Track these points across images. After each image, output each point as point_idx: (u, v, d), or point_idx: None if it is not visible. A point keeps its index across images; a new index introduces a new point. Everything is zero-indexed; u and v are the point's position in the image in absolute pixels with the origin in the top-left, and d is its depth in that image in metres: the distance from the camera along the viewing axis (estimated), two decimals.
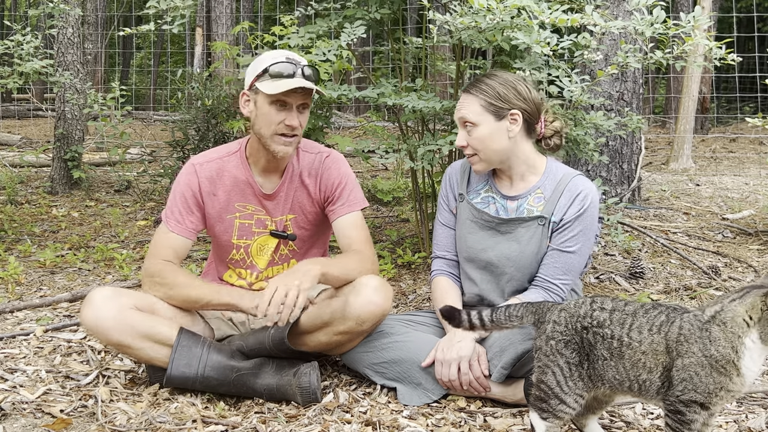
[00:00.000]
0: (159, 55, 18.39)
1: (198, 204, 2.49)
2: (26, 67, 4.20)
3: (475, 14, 2.74)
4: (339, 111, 12.18)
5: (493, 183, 2.49)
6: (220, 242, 2.57)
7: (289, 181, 2.50)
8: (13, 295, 3.41)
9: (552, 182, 2.41)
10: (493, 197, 2.46)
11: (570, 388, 1.86)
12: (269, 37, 3.86)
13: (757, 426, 2.11)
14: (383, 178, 6.27)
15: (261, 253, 2.56)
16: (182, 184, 2.49)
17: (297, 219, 2.53)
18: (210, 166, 2.50)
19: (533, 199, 2.41)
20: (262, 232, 2.53)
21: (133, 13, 11.65)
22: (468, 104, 2.38)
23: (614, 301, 1.89)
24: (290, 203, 2.52)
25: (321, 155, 2.53)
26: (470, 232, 2.47)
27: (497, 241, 2.42)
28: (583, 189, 2.38)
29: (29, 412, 2.18)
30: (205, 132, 5.28)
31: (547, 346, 1.89)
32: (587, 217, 2.36)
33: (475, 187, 2.52)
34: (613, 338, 1.82)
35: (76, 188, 6.05)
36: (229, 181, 2.49)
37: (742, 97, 13.25)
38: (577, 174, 2.42)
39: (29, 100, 12.00)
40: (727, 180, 6.72)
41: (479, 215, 2.45)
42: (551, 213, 2.37)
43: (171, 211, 2.47)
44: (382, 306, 2.30)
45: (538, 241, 2.37)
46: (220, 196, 2.49)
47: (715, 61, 2.91)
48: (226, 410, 2.24)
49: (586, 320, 1.86)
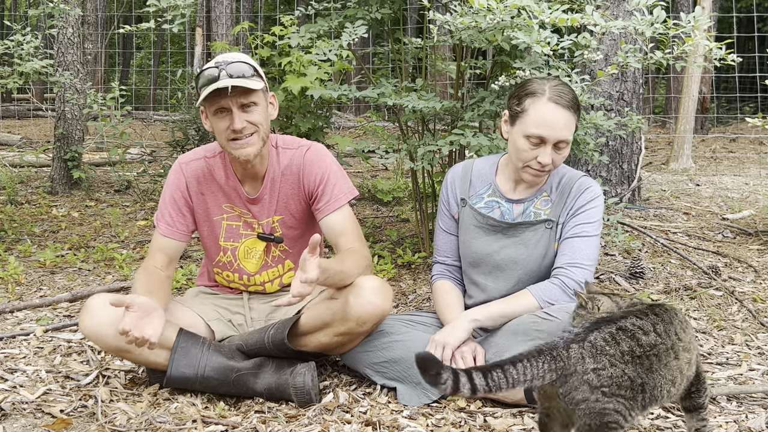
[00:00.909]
0: (159, 55, 18.39)
1: (187, 204, 2.48)
2: (26, 67, 4.20)
3: (475, 14, 2.74)
4: (339, 111, 12.18)
5: (496, 186, 2.46)
6: (207, 244, 2.55)
7: (272, 183, 2.46)
8: (13, 295, 3.41)
9: (558, 185, 2.40)
10: (497, 201, 2.44)
11: (632, 421, 1.67)
12: (269, 37, 3.86)
13: (757, 426, 2.11)
14: (383, 178, 6.27)
15: (249, 256, 2.52)
16: (170, 185, 2.48)
17: (284, 219, 2.50)
18: (196, 165, 2.48)
19: (540, 203, 2.39)
20: (249, 234, 2.51)
21: (133, 12, 11.65)
22: (572, 123, 2.27)
23: (634, 317, 1.71)
24: (275, 204, 2.48)
25: (301, 149, 2.47)
26: (475, 237, 2.45)
27: (504, 245, 2.40)
28: (590, 185, 2.38)
29: (29, 412, 2.18)
30: (205, 132, 5.28)
31: (596, 394, 1.62)
32: (598, 207, 2.35)
33: (477, 191, 2.49)
34: (669, 349, 1.69)
35: (76, 188, 6.05)
36: (215, 182, 2.48)
37: (742, 97, 13.25)
38: (582, 175, 2.42)
39: (29, 100, 12.00)
40: (727, 180, 6.72)
41: (484, 220, 2.42)
42: (558, 216, 2.36)
43: (161, 214, 2.47)
44: (382, 307, 2.29)
45: (546, 245, 2.36)
46: (207, 196, 2.48)
47: (715, 61, 2.91)
48: (226, 410, 2.24)
49: (636, 350, 1.65)
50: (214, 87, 2.26)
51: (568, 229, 2.34)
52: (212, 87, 2.27)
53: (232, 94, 2.28)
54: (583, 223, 2.33)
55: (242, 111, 2.31)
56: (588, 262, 2.30)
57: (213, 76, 2.29)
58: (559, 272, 2.30)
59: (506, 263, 2.39)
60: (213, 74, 2.29)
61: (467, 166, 2.54)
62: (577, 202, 2.35)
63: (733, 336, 2.87)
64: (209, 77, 2.30)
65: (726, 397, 2.29)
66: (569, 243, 2.32)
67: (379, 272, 3.62)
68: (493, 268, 2.41)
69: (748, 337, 2.86)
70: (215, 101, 2.30)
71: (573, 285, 2.26)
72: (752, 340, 2.83)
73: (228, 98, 2.29)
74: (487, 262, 2.42)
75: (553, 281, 2.29)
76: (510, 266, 2.39)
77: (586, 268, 2.29)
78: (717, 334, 2.90)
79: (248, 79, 2.30)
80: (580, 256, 2.30)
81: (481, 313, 2.32)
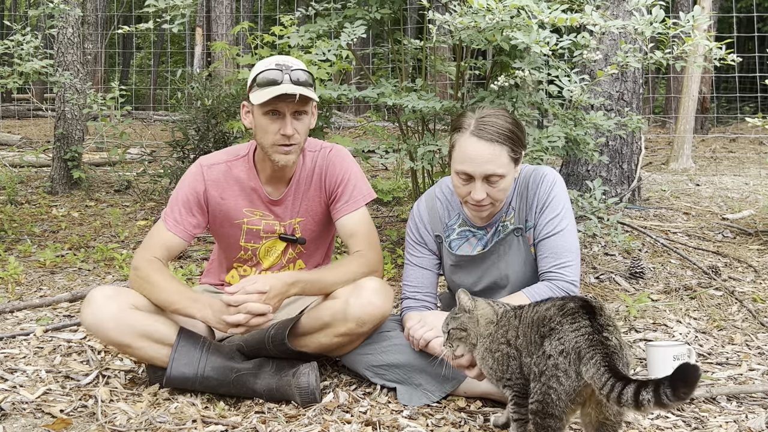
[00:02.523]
0: (159, 55, 18.39)
1: (200, 207, 2.47)
2: (26, 67, 4.21)
3: (474, 14, 2.74)
4: (339, 111, 12.18)
5: (465, 216, 2.39)
6: (227, 244, 2.56)
7: (296, 186, 2.49)
8: (13, 295, 3.41)
9: (515, 191, 2.33)
10: (470, 230, 2.39)
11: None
12: (269, 37, 3.86)
13: (757, 426, 2.11)
14: (383, 178, 6.27)
15: (269, 254, 2.56)
16: (187, 185, 2.47)
17: (305, 222, 2.53)
18: (218, 169, 2.48)
19: (504, 215, 2.35)
20: (269, 236, 2.53)
21: (133, 12, 11.64)
22: (498, 157, 2.14)
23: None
24: (299, 207, 2.51)
25: (324, 150, 2.51)
26: (454, 273, 2.43)
27: (484, 270, 2.37)
28: (545, 173, 2.31)
29: (29, 412, 2.18)
30: (205, 132, 5.28)
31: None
32: (560, 194, 2.29)
33: (448, 223, 2.42)
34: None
35: (76, 188, 6.05)
36: (237, 186, 2.48)
37: (742, 97, 13.24)
38: (534, 167, 2.36)
39: (29, 100, 12.00)
40: (727, 180, 6.72)
41: (458, 259, 2.38)
42: (525, 220, 2.31)
43: (171, 210, 2.46)
44: (383, 308, 2.29)
45: (523, 252, 2.32)
46: (228, 201, 2.48)
47: (715, 61, 2.91)
48: (226, 410, 2.24)
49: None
50: (281, 91, 2.27)
51: (540, 229, 2.28)
52: (278, 90, 2.28)
53: (290, 101, 2.31)
54: (553, 218, 2.27)
55: (294, 118, 2.35)
56: (571, 256, 2.26)
57: (275, 79, 2.31)
58: (549, 276, 2.26)
59: (491, 286, 2.37)
60: (276, 77, 2.31)
61: (430, 200, 2.45)
62: (539, 196, 2.29)
63: (733, 336, 2.87)
64: (271, 78, 2.31)
65: (726, 397, 2.29)
66: (547, 243, 2.27)
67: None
68: (480, 293, 2.37)
69: (748, 337, 2.86)
70: (272, 103, 2.31)
71: (568, 287, 2.24)
72: (752, 340, 2.83)
73: (286, 103, 2.31)
74: (474, 291, 2.38)
75: (548, 285, 2.26)
76: (494, 289, 2.37)
77: (572, 264, 2.26)
78: (717, 334, 2.90)
79: (309, 89, 2.34)
80: (562, 253, 2.25)
81: None
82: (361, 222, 2.46)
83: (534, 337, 1.85)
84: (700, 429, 2.10)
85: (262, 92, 2.31)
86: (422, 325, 2.28)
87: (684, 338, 2.84)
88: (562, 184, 2.33)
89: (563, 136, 3.10)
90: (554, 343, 1.78)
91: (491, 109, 2.23)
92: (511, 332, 1.93)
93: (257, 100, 2.32)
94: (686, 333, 2.90)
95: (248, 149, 2.52)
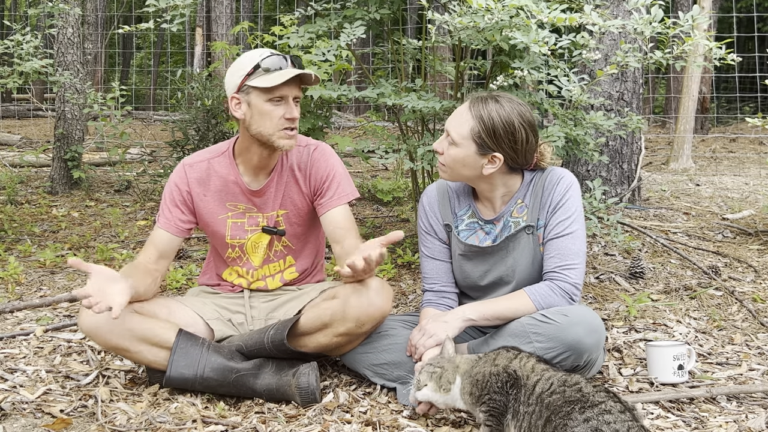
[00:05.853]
0: (159, 55, 18.40)
1: (186, 206, 2.50)
2: (26, 67, 4.21)
3: (473, 14, 2.74)
4: (339, 111, 12.18)
5: (475, 208, 2.43)
6: (216, 242, 2.58)
7: (278, 177, 2.50)
8: (13, 295, 3.41)
9: (530, 188, 2.36)
10: (478, 222, 2.42)
11: None
12: (269, 37, 3.86)
13: (757, 426, 2.11)
14: (383, 178, 6.27)
15: (256, 249, 2.56)
16: (171, 184, 2.52)
17: (288, 215, 2.53)
18: (199, 167, 2.51)
19: (516, 210, 2.37)
20: (254, 229, 2.53)
21: (133, 12, 11.64)
22: (460, 122, 2.28)
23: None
24: (280, 199, 2.51)
25: (309, 148, 2.52)
26: (463, 263, 2.44)
27: (492, 263, 2.38)
28: (563, 175, 2.34)
29: (29, 412, 2.18)
30: (205, 132, 5.28)
31: None
32: (575, 197, 2.32)
33: (458, 213, 2.46)
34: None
35: (76, 188, 6.05)
36: (218, 181, 2.50)
37: (742, 97, 13.25)
38: (552, 167, 2.39)
39: (29, 100, 12.00)
40: (727, 180, 6.72)
41: (467, 249, 2.41)
42: (537, 218, 2.33)
43: (161, 210, 2.51)
44: (382, 307, 2.29)
45: (531, 250, 2.34)
46: (210, 197, 2.50)
47: (715, 61, 2.91)
48: (226, 410, 2.24)
49: None
50: (293, 73, 2.30)
51: (550, 229, 2.31)
52: (289, 73, 2.30)
53: (292, 86, 2.34)
54: (564, 219, 2.30)
55: (294, 103, 2.38)
56: (578, 260, 2.28)
57: (281, 65, 2.33)
58: (553, 276, 2.28)
59: (498, 281, 2.38)
60: (280, 62, 2.34)
61: (441, 187, 2.49)
62: (553, 196, 2.31)
63: (733, 336, 2.87)
64: (276, 64, 2.33)
65: (726, 397, 2.29)
66: (555, 244, 2.30)
67: (380, 272, 3.62)
68: (487, 287, 2.40)
69: (748, 337, 2.86)
70: (277, 88, 2.33)
71: (570, 289, 2.26)
72: (752, 340, 2.83)
73: (290, 87, 2.34)
74: (480, 284, 2.41)
75: (550, 285, 2.27)
76: (501, 285, 2.38)
77: (577, 267, 2.28)
78: (717, 334, 2.90)
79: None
80: (568, 255, 2.27)
81: (475, 313, 2.30)
82: (349, 218, 2.49)
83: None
84: (700, 429, 2.10)
85: (270, 77, 2.32)
86: (422, 333, 2.29)
87: (684, 338, 2.84)
88: (578, 189, 2.35)
89: (563, 136, 3.09)
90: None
91: (507, 100, 2.29)
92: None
93: (267, 83, 2.31)
94: (686, 333, 2.90)
95: (228, 146, 2.53)
